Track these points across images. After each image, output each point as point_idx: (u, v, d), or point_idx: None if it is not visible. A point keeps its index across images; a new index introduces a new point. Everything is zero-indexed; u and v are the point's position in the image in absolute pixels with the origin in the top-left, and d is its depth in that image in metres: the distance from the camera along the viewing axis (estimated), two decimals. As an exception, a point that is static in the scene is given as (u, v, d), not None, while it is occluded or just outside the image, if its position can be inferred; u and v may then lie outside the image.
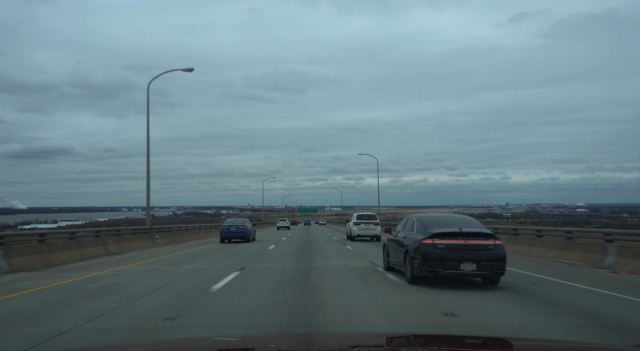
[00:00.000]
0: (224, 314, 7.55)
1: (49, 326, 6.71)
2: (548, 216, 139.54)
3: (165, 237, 27.26)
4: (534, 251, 18.51)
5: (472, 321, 7.17)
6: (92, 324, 6.81)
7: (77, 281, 11.49)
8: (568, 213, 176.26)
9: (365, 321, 6.99)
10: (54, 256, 16.16)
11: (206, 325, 6.77)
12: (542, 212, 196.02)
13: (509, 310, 7.99)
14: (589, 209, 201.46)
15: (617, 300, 9.11)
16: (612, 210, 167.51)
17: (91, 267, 14.75)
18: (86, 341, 5.97)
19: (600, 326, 6.89)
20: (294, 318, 7.16)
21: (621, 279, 11.79)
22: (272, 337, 4.44)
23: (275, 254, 19.71)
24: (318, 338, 3.72)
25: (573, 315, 7.59)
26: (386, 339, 3.28)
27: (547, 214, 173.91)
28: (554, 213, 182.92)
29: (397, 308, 7.98)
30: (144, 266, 14.83)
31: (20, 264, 14.29)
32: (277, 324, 6.76)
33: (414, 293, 9.43)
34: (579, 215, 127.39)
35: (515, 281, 11.12)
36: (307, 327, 6.63)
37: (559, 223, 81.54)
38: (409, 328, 6.68)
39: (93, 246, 19.40)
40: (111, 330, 6.49)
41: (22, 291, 10.11)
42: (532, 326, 6.85)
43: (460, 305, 8.31)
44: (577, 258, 15.74)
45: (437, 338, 3.63)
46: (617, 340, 6.24)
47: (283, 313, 7.42)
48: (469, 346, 3.04)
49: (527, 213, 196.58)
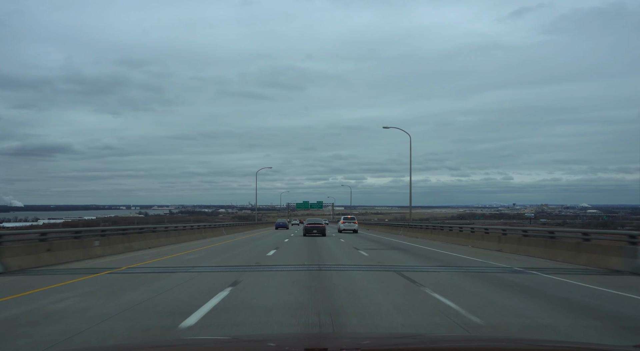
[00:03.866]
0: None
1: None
2: (570, 217, 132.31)
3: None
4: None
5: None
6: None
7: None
8: (582, 214, 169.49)
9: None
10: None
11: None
12: (553, 213, 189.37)
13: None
14: (600, 211, 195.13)
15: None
16: (633, 211, 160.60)
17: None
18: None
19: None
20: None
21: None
22: (275, 337, 4.45)
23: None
24: (324, 339, 3.64)
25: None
26: (393, 339, 3.33)
27: (562, 215, 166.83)
28: (568, 214, 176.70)
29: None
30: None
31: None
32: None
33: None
34: (605, 216, 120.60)
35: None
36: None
37: (599, 225, 75.24)
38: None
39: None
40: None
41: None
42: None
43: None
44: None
45: (449, 338, 3.89)
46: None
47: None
48: (474, 346, 3.07)
49: (538, 213, 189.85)
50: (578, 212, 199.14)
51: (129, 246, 21.21)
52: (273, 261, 16.61)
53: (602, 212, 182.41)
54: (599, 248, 15.49)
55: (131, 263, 15.68)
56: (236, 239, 33.38)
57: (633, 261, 13.57)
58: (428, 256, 19.10)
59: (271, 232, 50.86)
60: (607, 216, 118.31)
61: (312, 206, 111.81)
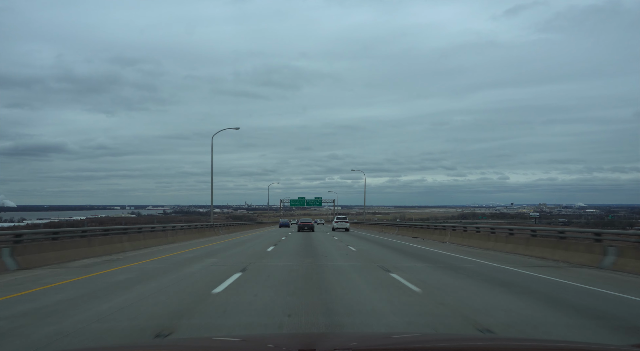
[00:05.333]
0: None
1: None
2: (573, 217, 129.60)
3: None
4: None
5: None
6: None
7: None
8: (583, 214, 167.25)
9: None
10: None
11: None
12: (553, 212, 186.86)
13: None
14: (598, 210, 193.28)
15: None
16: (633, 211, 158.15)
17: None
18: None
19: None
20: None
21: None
22: (273, 337, 4.30)
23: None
24: (320, 338, 3.55)
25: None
26: (389, 339, 3.33)
27: (563, 214, 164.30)
28: (568, 213, 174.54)
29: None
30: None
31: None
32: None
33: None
34: (611, 216, 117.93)
35: None
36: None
37: (610, 225, 72.78)
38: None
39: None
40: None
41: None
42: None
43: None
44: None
45: (439, 337, 4.04)
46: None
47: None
48: (469, 345, 3.05)
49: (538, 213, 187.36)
50: (577, 212, 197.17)
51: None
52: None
53: (601, 211, 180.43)
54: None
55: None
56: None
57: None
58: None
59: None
60: (612, 216, 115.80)
61: (310, 203, 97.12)
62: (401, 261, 16.99)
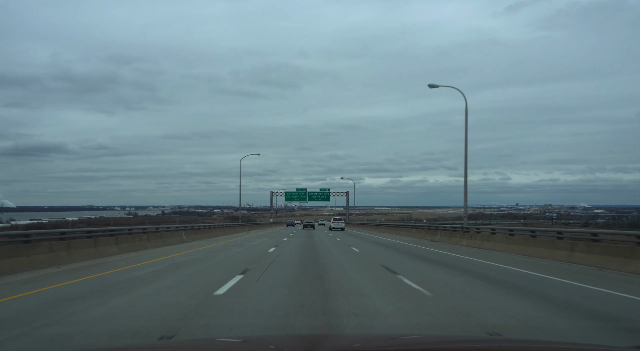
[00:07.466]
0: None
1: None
2: (586, 218, 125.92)
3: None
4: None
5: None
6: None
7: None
8: (593, 214, 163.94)
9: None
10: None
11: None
12: (560, 213, 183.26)
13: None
14: (605, 211, 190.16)
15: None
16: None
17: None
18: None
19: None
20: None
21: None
22: (275, 338, 4.22)
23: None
24: (321, 339, 3.51)
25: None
26: (393, 340, 3.31)
27: (572, 215, 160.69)
28: (576, 214, 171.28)
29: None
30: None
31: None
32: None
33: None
34: (630, 216, 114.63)
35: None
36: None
37: (626, 226, 69.78)
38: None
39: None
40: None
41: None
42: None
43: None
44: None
45: (444, 339, 3.99)
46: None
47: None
48: (474, 347, 3.03)
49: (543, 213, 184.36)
50: (584, 212, 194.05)
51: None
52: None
53: (607, 212, 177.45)
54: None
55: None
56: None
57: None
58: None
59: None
60: (631, 217, 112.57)
61: (313, 197, 77.06)
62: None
